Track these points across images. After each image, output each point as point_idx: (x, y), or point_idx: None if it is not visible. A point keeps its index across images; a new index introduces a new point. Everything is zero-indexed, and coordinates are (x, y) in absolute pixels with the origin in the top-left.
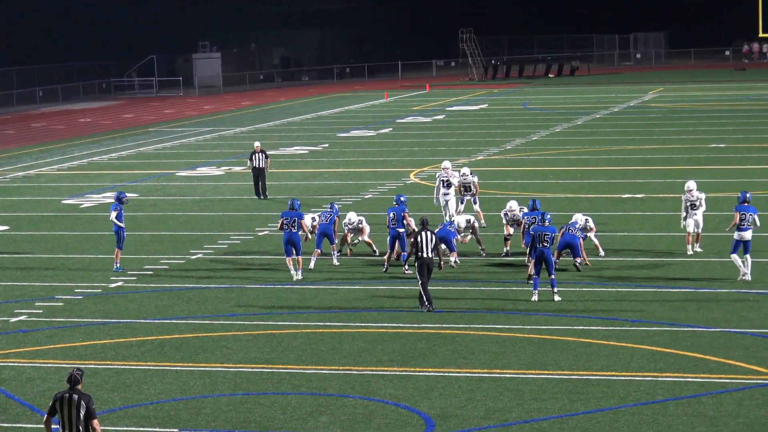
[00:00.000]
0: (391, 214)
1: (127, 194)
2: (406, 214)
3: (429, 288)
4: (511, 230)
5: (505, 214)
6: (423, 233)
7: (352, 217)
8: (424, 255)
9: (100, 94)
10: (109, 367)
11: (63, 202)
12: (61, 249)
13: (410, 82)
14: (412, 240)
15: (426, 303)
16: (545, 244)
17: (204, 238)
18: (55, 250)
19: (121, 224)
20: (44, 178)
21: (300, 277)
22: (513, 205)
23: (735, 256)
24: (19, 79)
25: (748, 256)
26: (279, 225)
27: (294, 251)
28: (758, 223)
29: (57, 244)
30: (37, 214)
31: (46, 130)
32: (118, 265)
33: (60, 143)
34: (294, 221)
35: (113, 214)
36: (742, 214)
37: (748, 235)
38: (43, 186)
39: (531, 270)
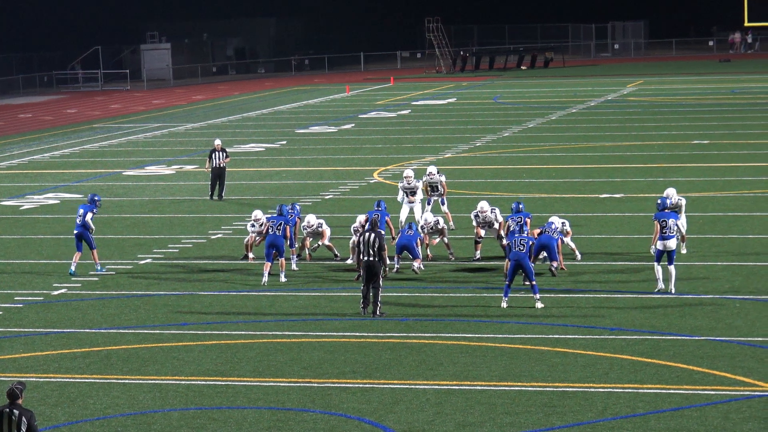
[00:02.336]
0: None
1: (70, 195)
2: (388, 219)
3: (382, 294)
4: (482, 232)
5: (476, 216)
6: (365, 235)
7: (311, 219)
8: (365, 258)
9: (42, 87)
10: (52, 380)
11: (1, 203)
12: (0, 254)
13: (373, 75)
14: (356, 241)
15: (363, 305)
16: (521, 248)
17: (153, 242)
18: None
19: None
20: None
21: (284, 279)
22: (484, 205)
23: (658, 267)
24: None
25: (672, 267)
26: (264, 230)
27: (277, 255)
28: (683, 229)
29: None
30: None
31: None
32: (99, 266)
33: None
34: (280, 224)
35: (89, 216)
36: (662, 221)
37: (672, 243)
38: None
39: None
